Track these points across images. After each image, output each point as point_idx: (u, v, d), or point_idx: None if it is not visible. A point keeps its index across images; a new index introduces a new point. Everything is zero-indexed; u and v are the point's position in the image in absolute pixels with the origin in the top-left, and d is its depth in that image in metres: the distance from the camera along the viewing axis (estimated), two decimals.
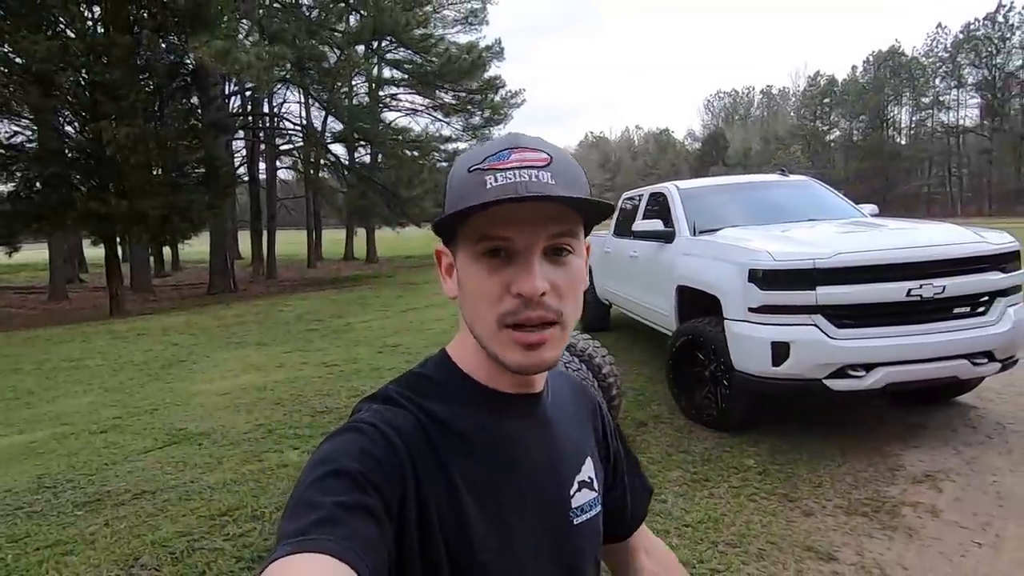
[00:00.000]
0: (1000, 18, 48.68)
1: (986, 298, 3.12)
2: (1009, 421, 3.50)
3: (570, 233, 0.55)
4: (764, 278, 3.11)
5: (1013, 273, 3.17)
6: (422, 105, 21.46)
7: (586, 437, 0.70)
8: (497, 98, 20.11)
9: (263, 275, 18.48)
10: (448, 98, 19.50)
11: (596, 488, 0.67)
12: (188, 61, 12.00)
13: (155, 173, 11.54)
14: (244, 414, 4.43)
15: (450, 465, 0.55)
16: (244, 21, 12.48)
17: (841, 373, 3.00)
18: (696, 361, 3.69)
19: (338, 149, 19.45)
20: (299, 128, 20.21)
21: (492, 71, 19.31)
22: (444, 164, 19.32)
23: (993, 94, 49.47)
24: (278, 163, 21.80)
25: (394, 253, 26.61)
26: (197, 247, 16.91)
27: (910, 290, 2.95)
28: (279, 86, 17.87)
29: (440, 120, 21.01)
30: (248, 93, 18.28)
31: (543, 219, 0.53)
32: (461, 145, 20.79)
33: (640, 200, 5.54)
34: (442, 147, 19.41)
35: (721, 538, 2.42)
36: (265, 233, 19.23)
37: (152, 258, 18.79)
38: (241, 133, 18.30)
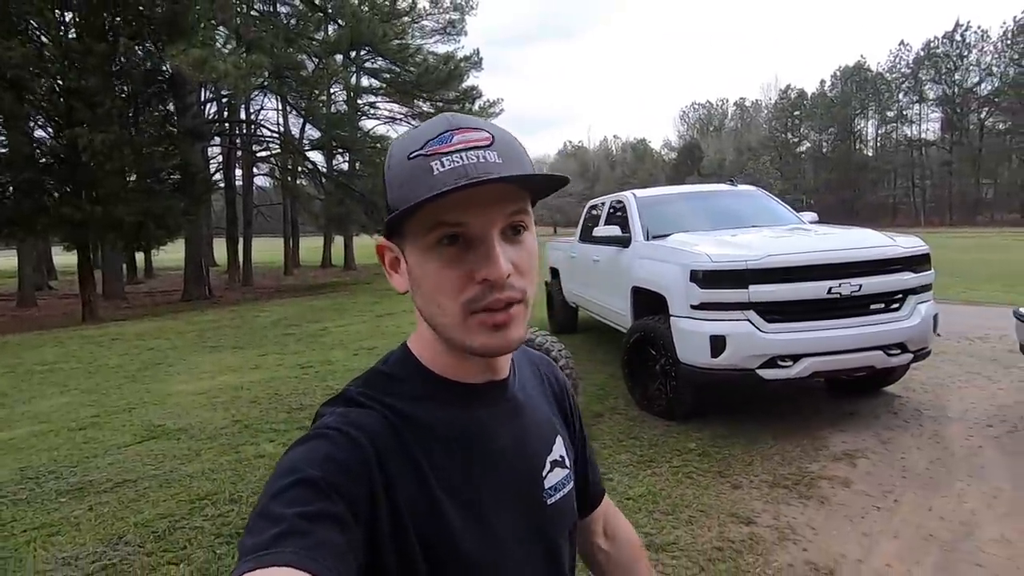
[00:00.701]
0: (958, 37, 50.92)
1: (899, 296, 3.48)
2: (927, 408, 3.87)
3: (523, 211, 0.54)
4: (703, 278, 3.43)
5: (923, 273, 3.55)
6: (400, 113, 21.68)
7: (555, 414, 0.70)
8: (475, 108, 20.46)
9: (239, 282, 18.43)
10: (426, 107, 19.75)
11: (567, 465, 0.67)
12: (165, 68, 12.06)
13: (130, 179, 11.55)
14: (220, 411, 4.59)
15: (420, 461, 0.54)
16: (221, 29, 12.59)
17: (771, 363, 3.33)
18: (648, 356, 3.99)
19: (316, 156, 19.55)
20: (276, 135, 20.27)
21: (470, 81, 19.68)
22: None
23: (953, 109, 51.57)
24: (255, 170, 21.77)
25: (372, 260, 26.50)
26: (171, 254, 16.83)
27: (831, 288, 3.30)
28: (256, 93, 17.94)
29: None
30: (224, 99, 18.29)
31: (498, 200, 0.51)
32: None
33: (603, 207, 5.87)
34: None
35: (657, 508, 2.70)
36: (241, 240, 19.18)
37: (125, 265, 18.58)
38: (217, 139, 18.30)
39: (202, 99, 16.72)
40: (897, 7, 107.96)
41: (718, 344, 3.35)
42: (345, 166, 20.61)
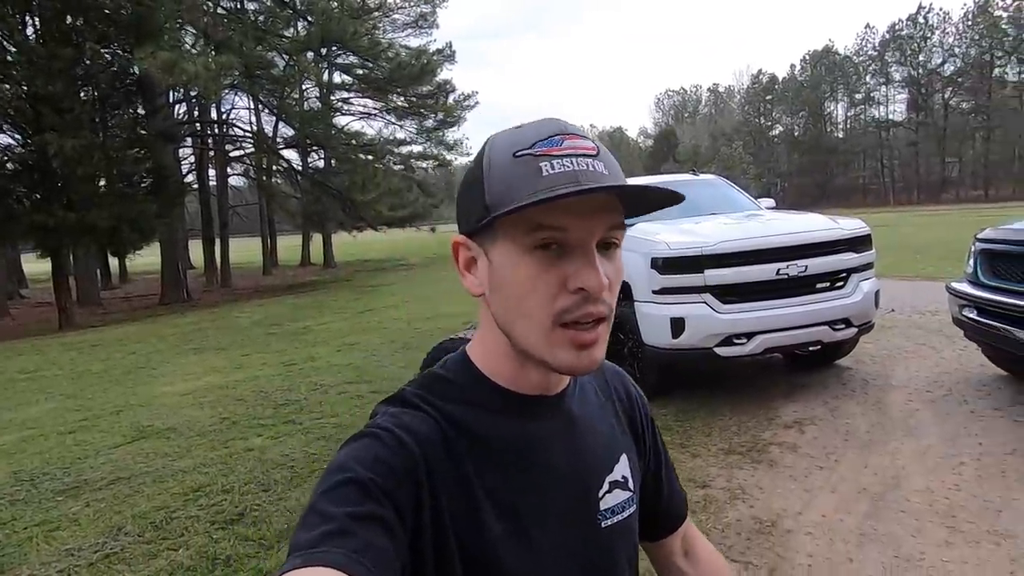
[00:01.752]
0: (921, 19, 52.09)
1: (843, 274, 3.76)
2: (873, 378, 4.18)
3: (620, 226, 0.53)
4: (663, 264, 3.67)
5: (864, 253, 3.84)
6: (375, 109, 21.63)
7: (620, 431, 0.67)
8: (450, 101, 20.51)
9: (218, 283, 18.32)
10: (400, 102, 19.74)
11: (631, 487, 0.64)
12: (132, 71, 11.93)
13: (102, 184, 11.44)
14: (208, 410, 4.73)
15: (468, 470, 0.54)
16: (189, 29, 12.47)
17: (727, 342, 3.59)
18: (616, 339, 4.22)
19: (290, 155, 19.48)
20: (249, 134, 20.08)
21: (444, 75, 19.72)
22: (399, 167, 19.60)
23: (918, 90, 52.87)
24: (229, 170, 21.55)
25: (352, 257, 26.63)
26: (147, 257, 16.68)
27: (779, 270, 3.57)
28: (227, 92, 17.76)
29: (393, 123, 21.27)
30: (195, 100, 18.07)
31: (601, 211, 0.50)
32: (416, 148, 21.07)
33: None
34: (396, 150, 19.68)
35: None
36: (218, 241, 19.04)
37: (99, 270, 18.32)
38: (189, 140, 18.09)
39: (172, 100, 16.51)
40: None
41: (678, 326, 3.59)
42: (321, 163, 20.56)
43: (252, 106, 21.17)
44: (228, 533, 2.69)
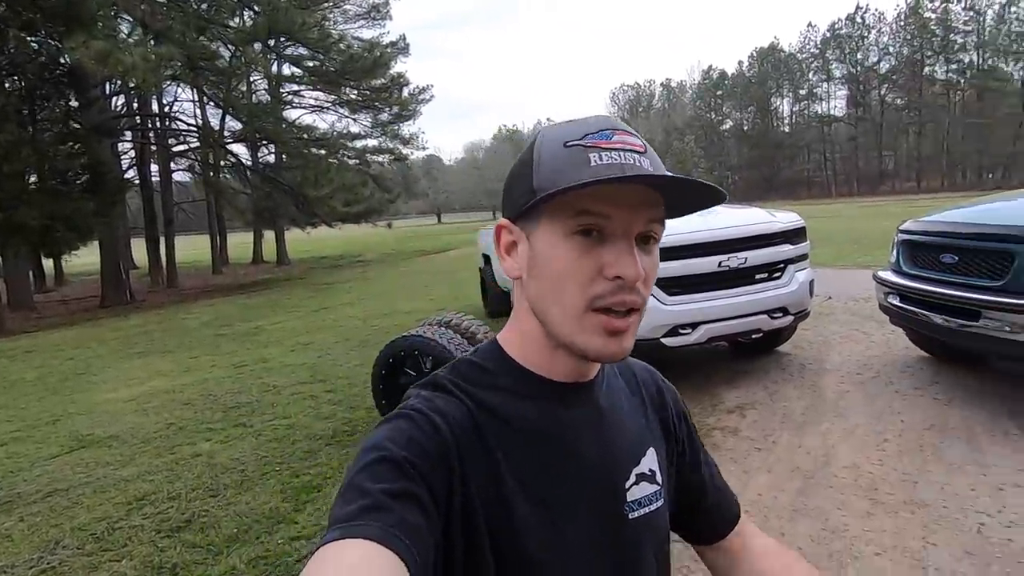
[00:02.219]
0: (858, 19, 54.58)
1: (780, 265, 3.96)
2: (809, 363, 4.42)
3: (660, 220, 0.54)
4: None
5: (800, 245, 4.05)
6: (327, 102, 21.14)
7: (649, 426, 0.67)
8: (405, 94, 20.22)
9: (164, 284, 17.55)
10: (353, 95, 19.35)
11: (659, 481, 0.64)
12: (63, 60, 11.26)
13: (32, 181, 10.78)
14: (152, 416, 4.57)
15: (498, 455, 0.55)
16: (125, 17, 11.85)
17: (674, 332, 3.72)
18: None
19: (239, 149, 18.78)
20: (194, 128, 19.29)
21: (398, 67, 19.42)
22: (353, 162, 19.23)
23: (856, 87, 55.43)
24: (173, 165, 20.61)
25: (306, 254, 25.98)
26: (86, 258, 15.84)
27: (721, 262, 3.72)
28: (169, 84, 16.98)
29: (347, 117, 20.83)
30: (133, 92, 17.20)
31: (643, 204, 0.52)
32: (371, 142, 20.69)
33: None
34: (350, 144, 19.29)
35: None
36: (163, 239, 18.23)
37: (32, 272, 17.27)
38: (128, 135, 17.22)
39: (108, 92, 15.68)
40: None
41: None
42: (271, 158, 19.93)
43: (196, 99, 20.37)
44: (174, 541, 2.63)
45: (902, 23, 52.39)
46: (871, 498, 2.52)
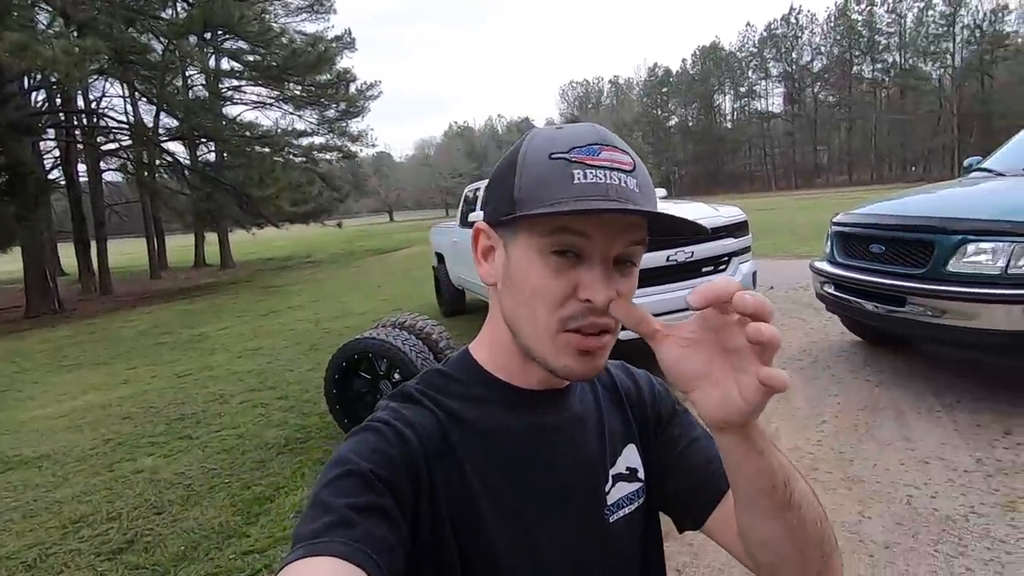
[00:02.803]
0: (792, 19, 57.13)
1: (725, 258, 4.11)
2: None
3: (641, 243, 0.53)
4: None
5: (743, 238, 4.22)
6: (269, 98, 20.39)
7: (628, 422, 0.66)
8: (352, 90, 19.75)
9: (96, 291, 16.54)
10: (297, 91, 18.74)
11: (640, 477, 0.64)
12: None
13: None
14: (88, 432, 4.31)
15: (467, 464, 0.54)
16: (44, 7, 11.06)
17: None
18: None
19: (175, 147, 17.88)
20: (125, 125, 18.21)
21: (344, 62, 18.98)
22: (300, 160, 18.66)
23: (792, 84, 58.04)
24: (103, 164, 19.41)
25: (252, 256, 25.05)
26: (6, 265, 14.73)
27: (668, 257, 3.83)
28: (95, 78, 15.97)
29: (291, 113, 20.17)
30: (56, 87, 16.08)
31: (625, 228, 0.51)
32: (317, 139, 20.14)
33: (481, 191, 6.12)
34: (296, 142, 18.69)
35: None
36: (94, 244, 17.16)
37: None
38: (52, 132, 16.10)
39: (28, 87, 14.61)
40: None
41: None
42: (212, 157, 19.09)
43: (127, 94, 19.27)
44: (116, 564, 2.50)
45: (832, 24, 55.21)
46: (812, 477, 2.65)
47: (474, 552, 0.53)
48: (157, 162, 17.71)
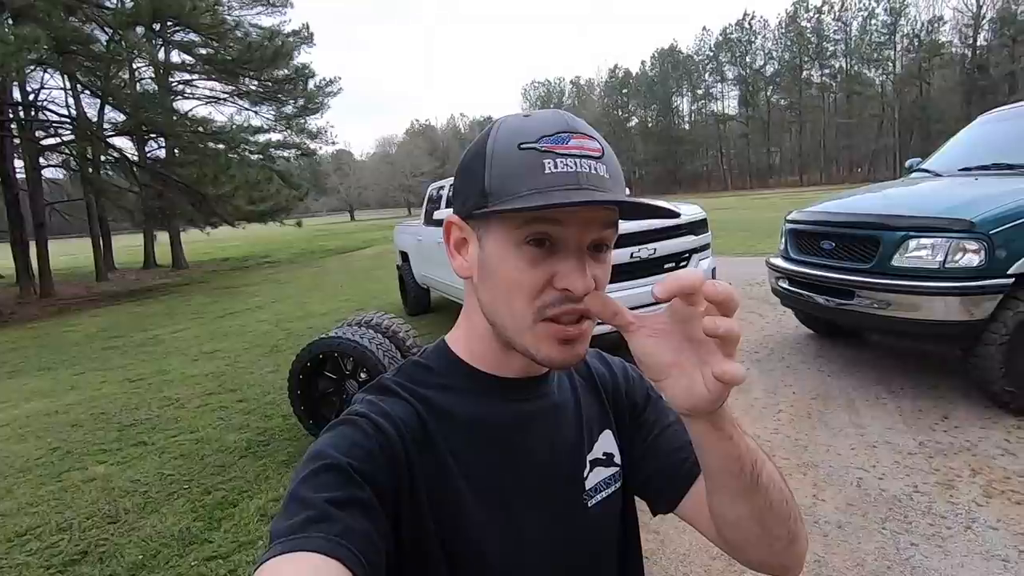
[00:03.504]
0: (746, 24, 58.92)
1: (686, 255, 4.23)
2: None
3: (613, 226, 0.53)
4: None
5: (703, 235, 4.35)
6: (224, 93, 19.73)
7: (603, 408, 0.67)
8: (311, 86, 19.31)
9: (36, 294, 15.66)
10: (254, 86, 18.20)
11: (617, 462, 0.65)
12: None
13: None
14: (32, 441, 4.09)
15: (447, 453, 0.54)
16: None
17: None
18: None
19: (123, 143, 17.12)
20: (68, 119, 17.30)
21: (303, 57, 18.53)
22: (256, 157, 18.13)
23: (746, 87, 59.89)
24: (43, 160, 18.38)
25: (206, 256, 24.19)
26: None
27: (632, 254, 3.91)
28: (33, 69, 15.09)
29: (247, 109, 19.57)
30: None
31: (595, 214, 0.51)
32: (274, 136, 19.61)
33: (444, 189, 6.10)
34: (252, 138, 18.13)
35: None
36: (33, 244, 16.23)
37: None
38: None
39: None
40: None
41: None
42: (162, 153, 18.34)
43: (68, 87, 18.28)
44: (68, 575, 2.39)
45: (783, 30, 57.24)
46: None
47: (456, 539, 0.53)
48: (103, 158, 16.90)
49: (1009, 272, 2.89)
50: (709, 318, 0.43)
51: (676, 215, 0.54)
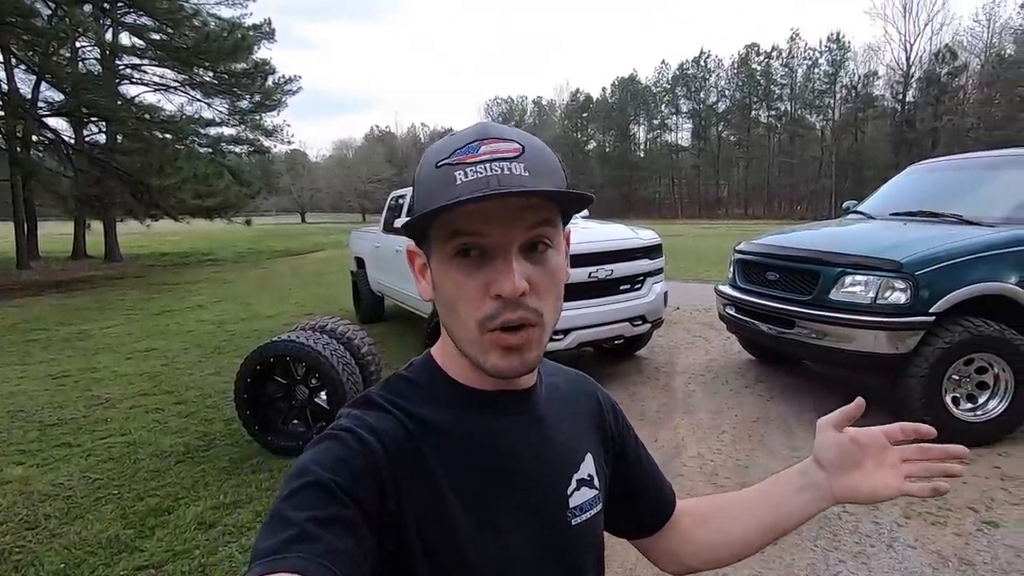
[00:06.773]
0: (702, 62, 61.78)
1: (641, 278, 4.37)
2: (663, 366, 4.92)
3: (548, 223, 0.52)
4: None
5: (657, 260, 4.51)
6: (175, 82, 18.91)
7: (587, 432, 0.67)
8: (269, 82, 18.80)
9: None
10: (208, 77, 17.54)
11: (597, 486, 0.65)
12: None
13: None
14: None
15: (434, 468, 0.54)
16: None
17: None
18: None
19: (59, 124, 16.08)
20: None
21: (263, 53, 18.00)
22: (206, 150, 17.43)
23: (699, 121, 62.60)
24: None
25: (144, 250, 22.91)
26: None
27: (590, 273, 4.01)
28: None
29: (199, 100, 18.82)
30: None
31: (519, 214, 0.50)
32: (227, 130, 18.94)
33: (405, 198, 6.07)
34: (203, 131, 17.44)
35: None
36: None
37: None
38: None
39: None
40: (661, 30, 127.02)
41: None
42: (102, 138, 17.34)
43: (2, 60, 17.08)
44: None
45: (736, 70, 60.35)
46: (713, 483, 2.88)
47: (442, 552, 0.53)
48: (35, 138, 15.82)
49: (931, 311, 3.15)
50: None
51: (591, 199, 0.52)
